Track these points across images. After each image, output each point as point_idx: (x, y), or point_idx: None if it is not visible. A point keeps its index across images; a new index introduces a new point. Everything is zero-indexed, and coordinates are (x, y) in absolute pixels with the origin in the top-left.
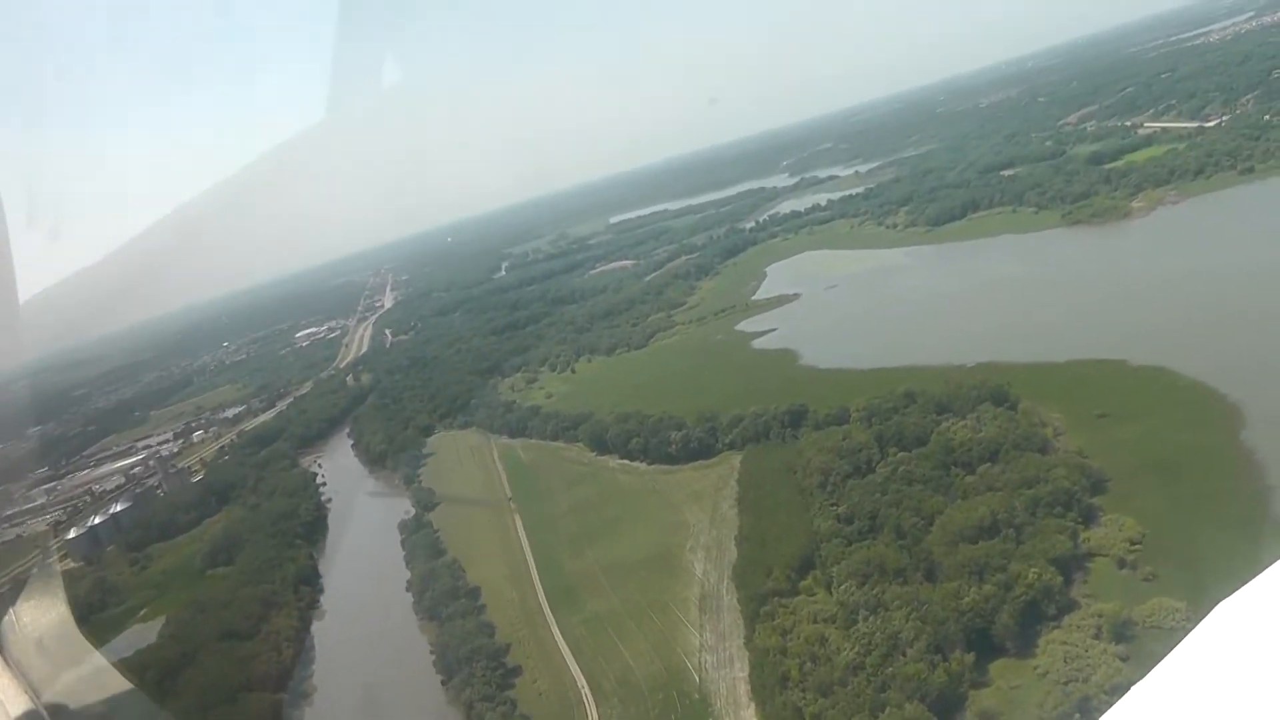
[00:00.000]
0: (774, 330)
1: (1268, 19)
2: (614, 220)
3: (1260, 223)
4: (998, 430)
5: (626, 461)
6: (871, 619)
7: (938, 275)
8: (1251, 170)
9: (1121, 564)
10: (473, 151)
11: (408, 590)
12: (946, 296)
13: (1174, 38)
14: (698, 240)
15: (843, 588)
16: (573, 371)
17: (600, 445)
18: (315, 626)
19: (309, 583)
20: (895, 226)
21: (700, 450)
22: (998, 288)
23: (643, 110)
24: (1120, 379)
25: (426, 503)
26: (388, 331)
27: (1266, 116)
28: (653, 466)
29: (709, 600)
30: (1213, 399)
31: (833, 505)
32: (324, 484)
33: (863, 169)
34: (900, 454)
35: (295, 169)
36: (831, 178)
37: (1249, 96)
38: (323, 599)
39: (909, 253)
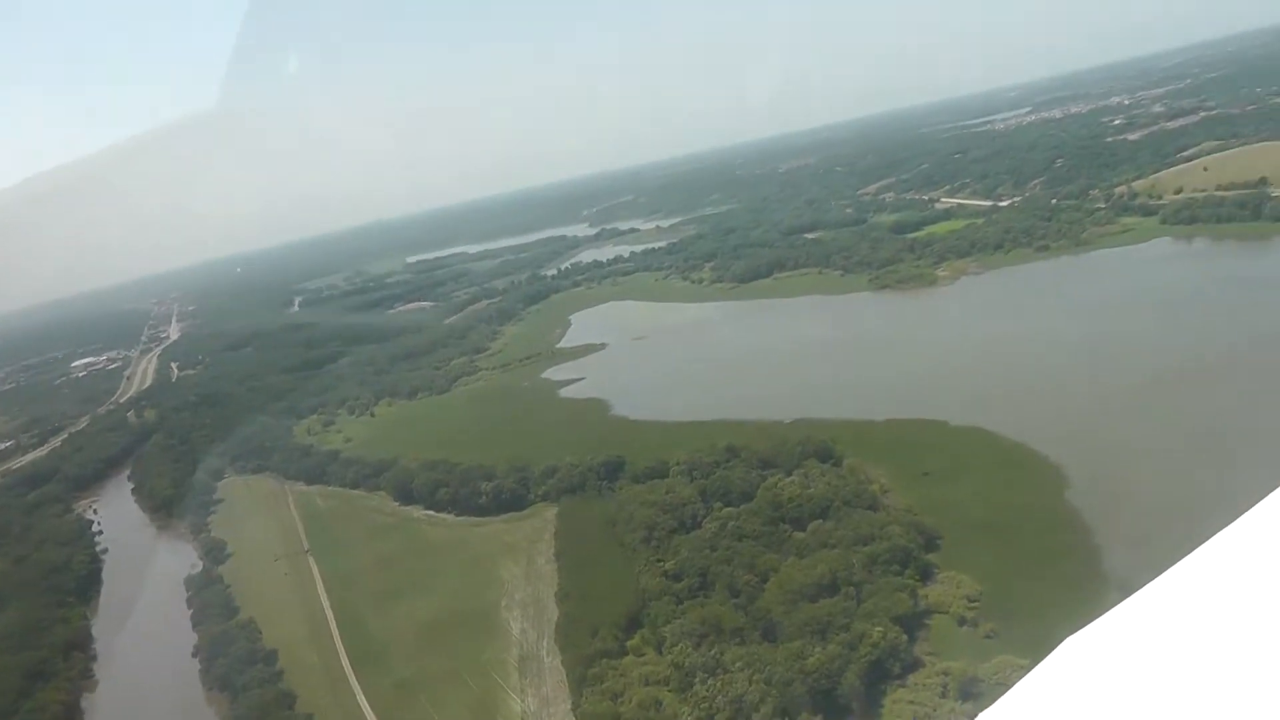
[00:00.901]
0: (582, 379)
1: (1045, 114)
2: (411, 260)
3: (1058, 295)
4: (827, 487)
5: (433, 512)
6: (710, 681)
7: (749, 331)
8: (1047, 248)
9: (961, 621)
10: (269, 184)
11: (195, 656)
12: (759, 352)
13: (963, 123)
14: (499, 284)
15: (676, 648)
16: (372, 415)
17: (405, 495)
18: (87, 700)
19: (81, 648)
20: (701, 282)
21: (512, 502)
22: (811, 346)
23: (445, 152)
24: (941, 438)
25: (216, 555)
26: (174, 365)
27: (1054, 200)
28: (461, 518)
29: (530, 662)
30: (1032, 459)
31: (659, 561)
32: (101, 532)
33: (664, 223)
34: (727, 509)
35: (72, 189)
36: (633, 230)
37: (1036, 181)
38: (97, 667)
39: (717, 308)
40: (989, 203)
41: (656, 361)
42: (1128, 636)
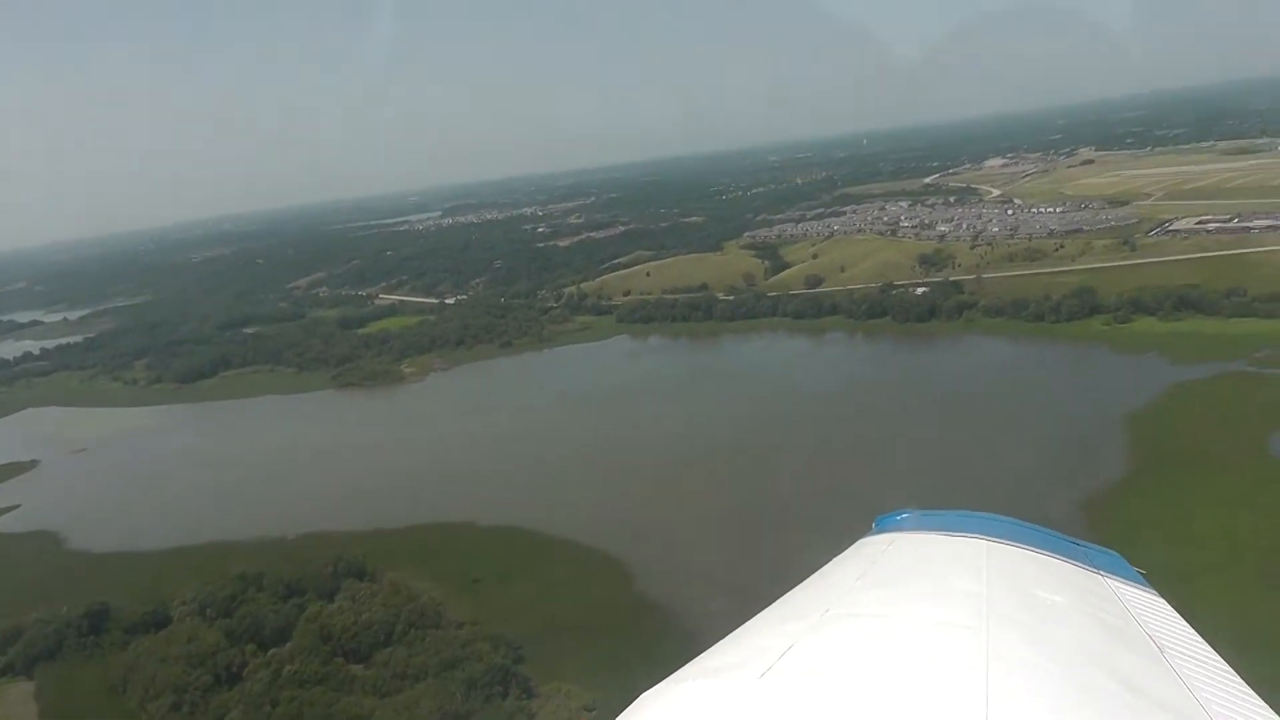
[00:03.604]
0: (17, 507)
1: (460, 218)
2: None
3: (541, 387)
4: (383, 609)
5: None
6: None
7: (213, 437)
8: (511, 344)
9: None
10: None
11: None
12: (234, 461)
13: (376, 222)
14: None
15: None
16: None
17: None
18: None
19: None
20: (137, 383)
21: None
22: (292, 451)
23: None
24: (477, 541)
25: None
26: None
27: (502, 299)
28: None
29: None
30: (583, 553)
31: None
32: None
33: (72, 315)
34: (272, 651)
35: None
36: (35, 323)
37: (479, 280)
38: None
39: (166, 412)
40: (433, 300)
41: (110, 478)
42: (700, 688)
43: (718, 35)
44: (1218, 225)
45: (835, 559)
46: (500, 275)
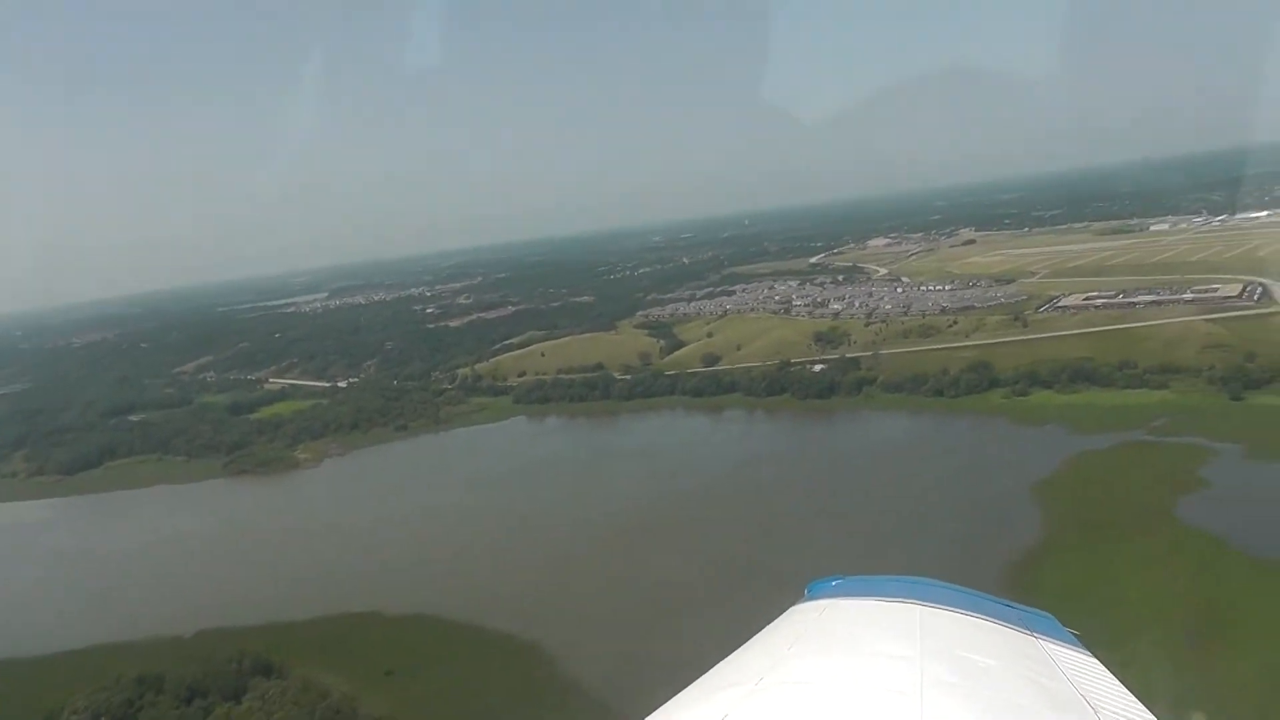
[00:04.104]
0: None
1: (347, 299)
2: None
3: (441, 470)
4: (296, 709)
5: None
6: None
7: (101, 531)
8: (406, 427)
9: None
10: None
11: None
12: (125, 556)
13: (263, 304)
14: None
15: None
16: None
17: None
18: None
19: None
20: (16, 475)
21: None
22: (186, 542)
23: None
24: (385, 631)
25: None
26: None
27: (395, 381)
28: None
29: None
30: (498, 640)
31: None
32: None
33: None
34: None
35: None
36: None
37: (370, 363)
38: None
39: (48, 506)
40: (325, 383)
41: None
42: None
43: (595, 118)
44: (1104, 301)
45: (768, 627)
46: (392, 357)
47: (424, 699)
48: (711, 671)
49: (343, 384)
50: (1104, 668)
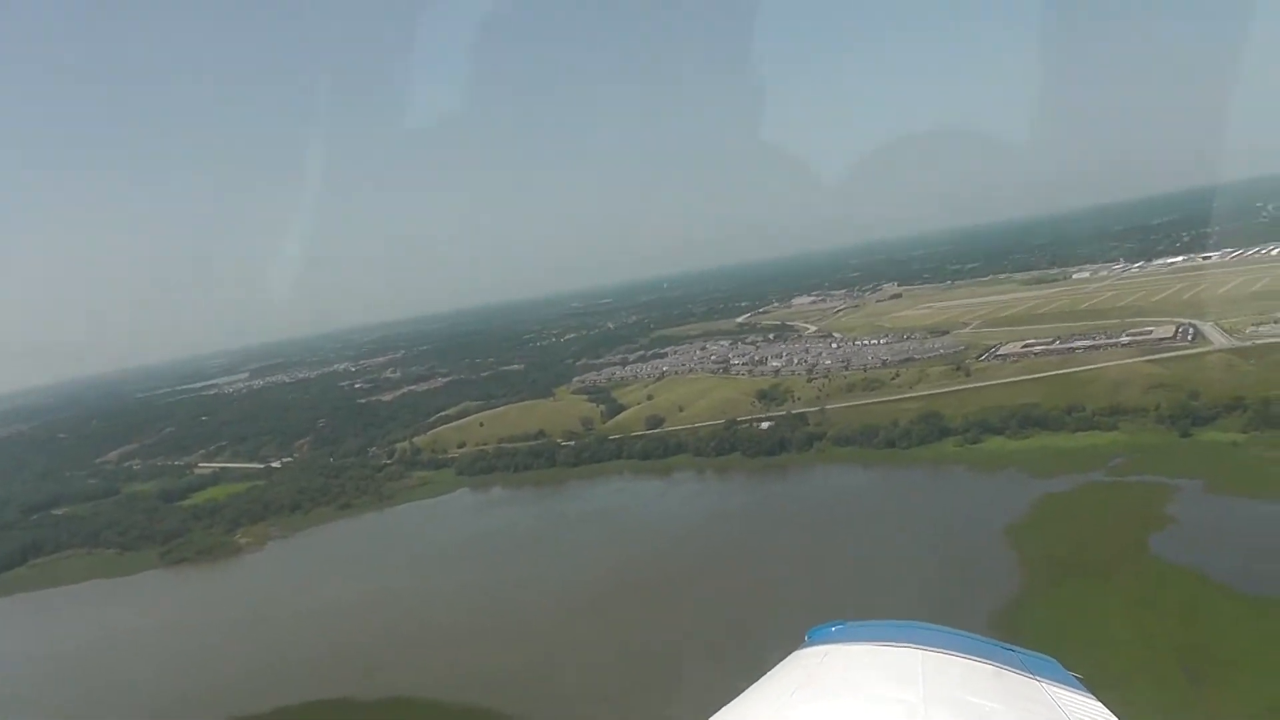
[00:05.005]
0: None
1: (270, 379)
2: None
3: (392, 549)
4: None
5: None
6: None
7: (24, 634)
8: (350, 505)
9: None
10: None
11: None
12: (52, 658)
13: (183, 387)
14: None
15: None
16: None
17: None
18: None
19: None
20: None
21: None
22: (124, 641)
23: None
24: (364, 715)
25: None
26: None
27: (332, 459)
28: None
29: None
30: (484, 716)
31: None
32: None
33: None
34: None
35: None
36: None
37: (303, 441)
38: None
39: None
40: (258, 465)
41: None
42: None
43: (502, 188)
44: (1043, 347)
45: (769, 673)
46: (326, 435)
47: None
48: (715, 717)
49: (277, 464)
50: (1108, 711)
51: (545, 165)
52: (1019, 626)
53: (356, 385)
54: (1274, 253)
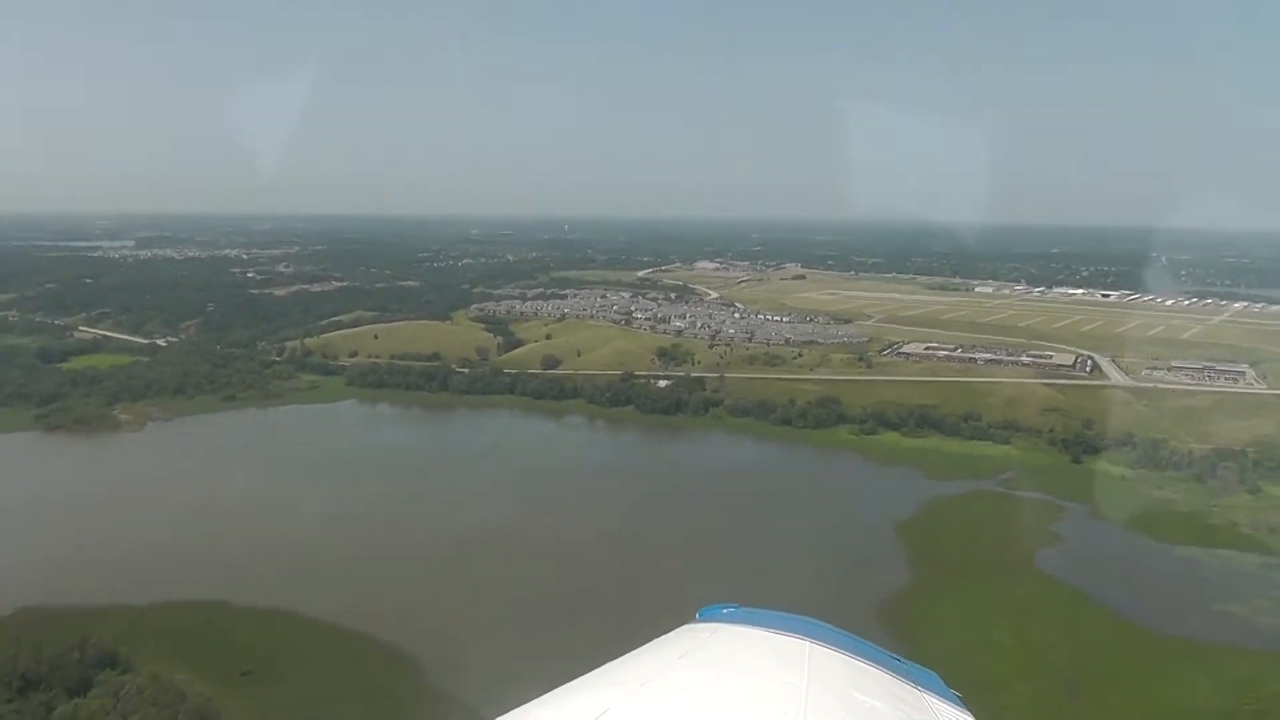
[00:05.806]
0: None
1: (157, 251)
2: None
3: (275, 450)
4: (156, 711)
5: None
6: None
7: None
8: (234, 398)
9: None
10: None
11: None
12: None
13: (65, 244)
14: None
15: None
16: None
17: None
18: None
19: None
20: None
21: None
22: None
23: None
24: (236, 625)
25: None
26: None
27: (219, 347)
28: None
29: None
30: (362, 642)
31: None
32: None
33: None
34: None
35: None
36: None
37: (191, 323)
38: None
39: None
40: (142, 339)
41: None
42: None
43: (420, 98)
44: (946, 353)
45: (657, 640)
46: (215, 320)
47: (286, 705)
48: (595, 671)
49: (162, 342)
50: None
51: (456, 82)
52: (904, 621)
53: (249, 274)
54: (1168, 303)
